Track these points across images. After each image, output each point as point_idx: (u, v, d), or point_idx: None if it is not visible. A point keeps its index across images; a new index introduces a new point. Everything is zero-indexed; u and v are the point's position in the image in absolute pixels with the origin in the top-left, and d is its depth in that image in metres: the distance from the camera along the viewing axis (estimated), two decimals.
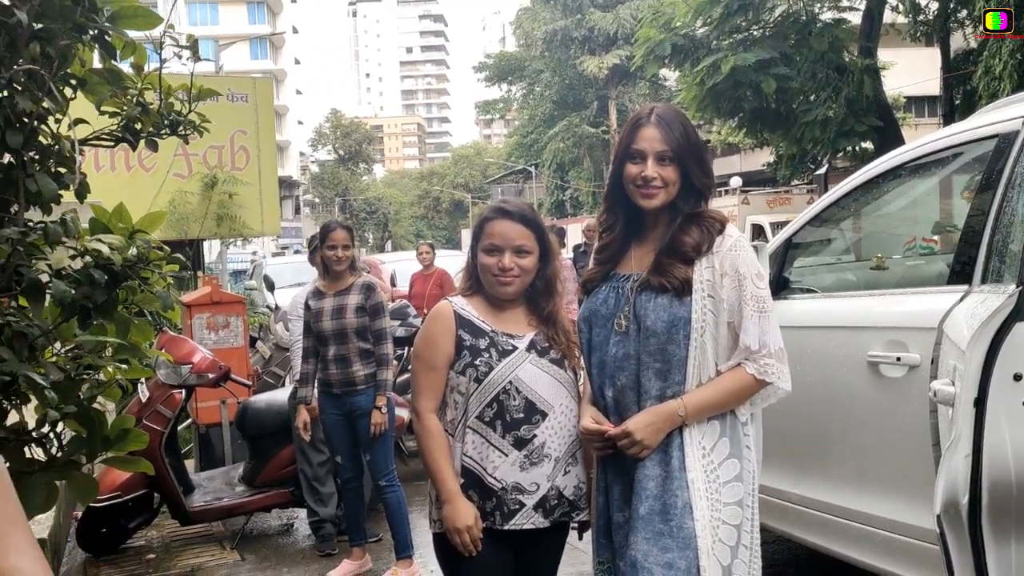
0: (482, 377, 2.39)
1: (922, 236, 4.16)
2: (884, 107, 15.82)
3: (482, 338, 2.44)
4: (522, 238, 2.46)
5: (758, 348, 2.19)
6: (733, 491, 2.22)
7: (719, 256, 2.23)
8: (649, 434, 2.20)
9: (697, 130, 2.40)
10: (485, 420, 2.39)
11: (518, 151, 50.22)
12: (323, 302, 4.65)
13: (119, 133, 2.40)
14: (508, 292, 2.47)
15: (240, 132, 10.85)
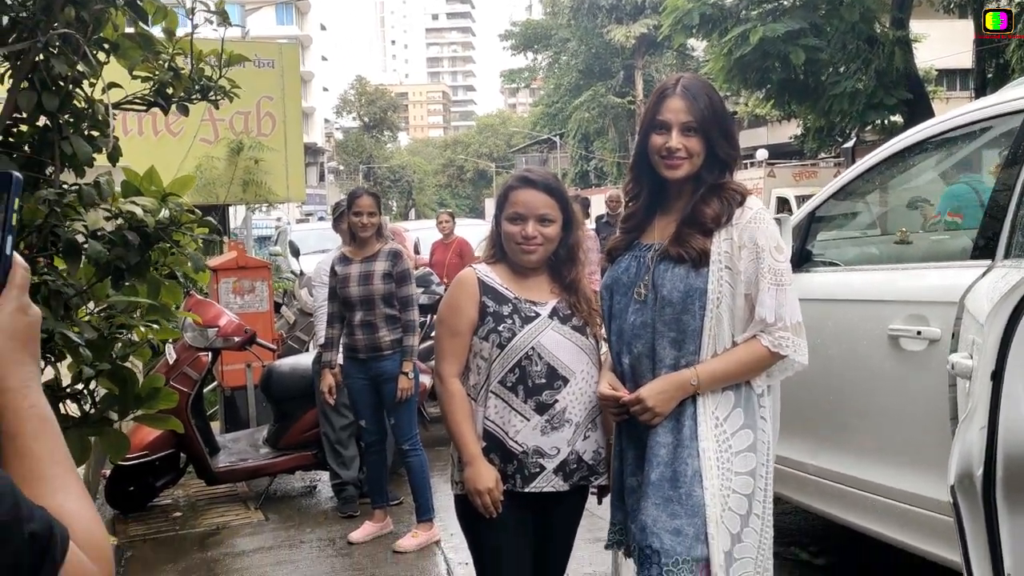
0: (505, 343, 2.44)
1: (947, 211, 4.14)
2: (915, 80, 15.59)
3: (505, 305, 2.49)
4: (545, 207, 2.49)
5: (774, 321, 2.19)
6: (745, 461, 2.24)
7: (738, 228, 2.23)
8: (661, 401, 2.23)
9: (723, 101, 2.39)
10: (507, 385, 2.45)
11: (543, 120, 49.99)
12: (350, 268, 4.69)
13: (151, 97, 2.45)
14: (531, 260, 2.51)
15: (266, 98, 10.89)
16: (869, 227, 4.91)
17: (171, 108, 2.52)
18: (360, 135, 62.70)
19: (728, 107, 18.84)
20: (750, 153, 23.96)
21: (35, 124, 2.28)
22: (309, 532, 5.02)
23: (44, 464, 0.85)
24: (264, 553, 4.72)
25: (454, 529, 4.83)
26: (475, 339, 2.50)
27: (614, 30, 38.36)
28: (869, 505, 3.33)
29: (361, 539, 4.75)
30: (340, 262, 4.76)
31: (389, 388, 4.61)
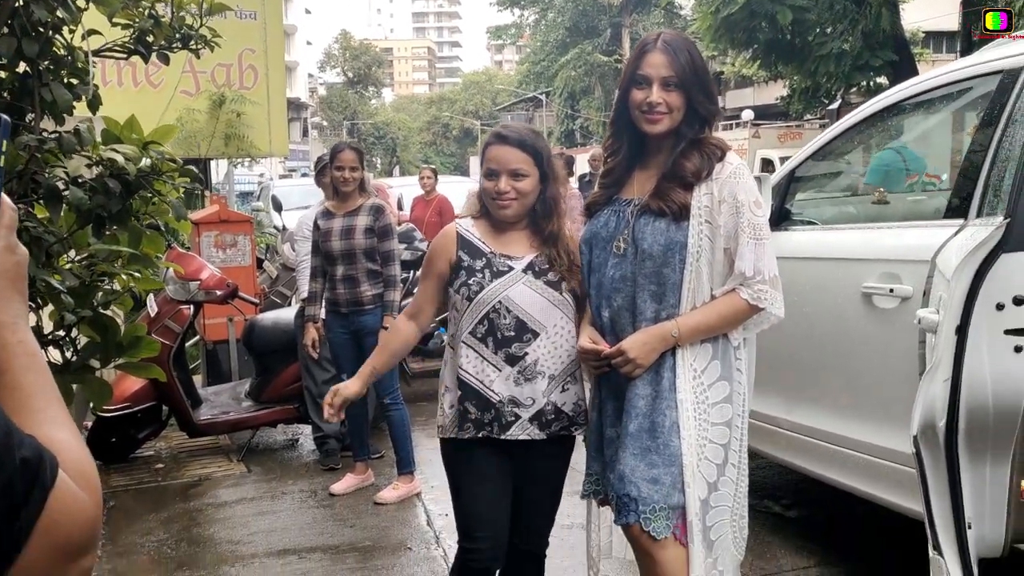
0: (473, 295, 2.53)
1: (924, 172, 4.19)
2: (901, 42, 15.54)
3: (479, 259, 2.57)
4: (518, 162, 2.54)
5: (752, 274, 2.22)
6: (722, 412, 2.29)
7: (718, 183, 2.26)
8: (643, 353, 2.27)
9: (703, 58, 2.40)
10: (477, 336, 2.54)
11: (529, 78, 49.59)
12: (332, 222, 4.70)
13: (131, 45, 2.44)
14: (507, 214, 2.57)
15: (248, 50, 10.74)
16: (849, 187, 4.96)
17: (151, 57, 2.52)
18: (344, 91, 62.06)
19: (714, 67, 18.84)
20: (736, 114, 23.91)
21: (15, 71, 2.27)
22: (291, 484, 5.08)
23: (34, 397, 0.88)
24: (246, 504, 4.78)
25: (435, 481, 4.92)
26: (451, 291, 2.61)
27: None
28: (841, 459, 3.41)
29: (342, 491, 4.82)
30: (323, 216, 4.77)
31: (370, 342, 4.55)
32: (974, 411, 2.29)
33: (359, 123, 60.17)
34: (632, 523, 2.27)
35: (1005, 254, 2.25)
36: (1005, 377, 2.28)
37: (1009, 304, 2.25)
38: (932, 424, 2.34)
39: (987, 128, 2.88)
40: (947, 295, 2.29)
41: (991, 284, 2.25)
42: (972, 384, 2.27)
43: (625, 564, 3.18)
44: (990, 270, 2.24)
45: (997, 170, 2.60)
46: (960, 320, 2.26)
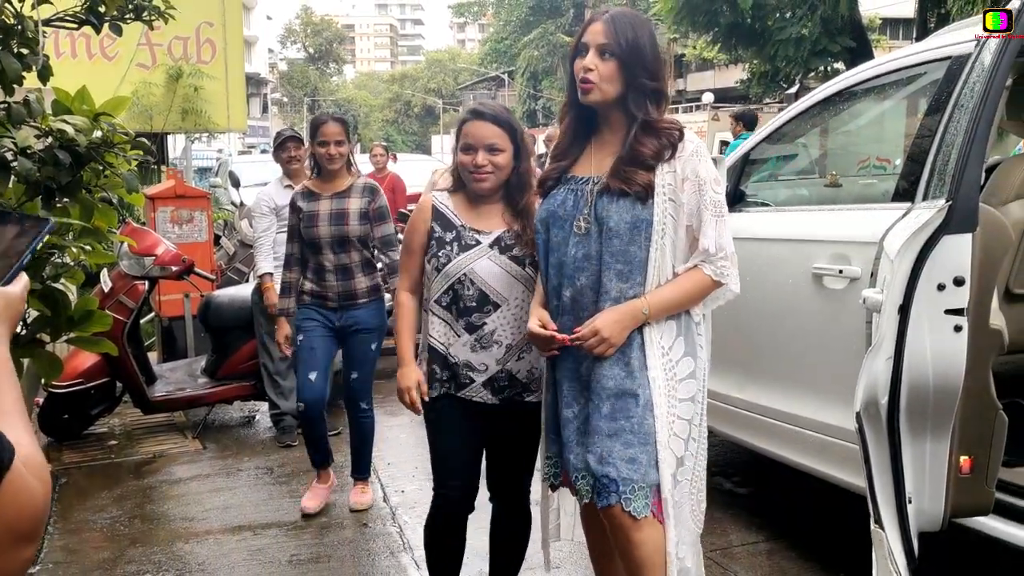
0: (441, 267, 2.67)
1: (876, 156, 4.26)
2: (858, 28, 15.75)
3: (450, 231, 2.70)
4: (494, 136, 2.64)
5: (715, 251, 2.26)
6: (687, 387, 2.32)
7: (680, 161, 2.28)
8: (616, 331, 2.27)
9: (654, 38, 2.38)
10: (443, 304, 2.70)
11: (491, 57, 49.42)
12: (318, 204, 4.14)
13: (82, 15, 2.40)
14: (483, 187, 2.68)
15: (206, 24, 10.57)
16: (805, 170, 5.03)
17: (103, 29, 2.48)
18: (305, 67, 61.38)
19: (676, 49, 18.95)
20: (696, 96, 24.04)
21: None
22: (247, 461, 5.07)
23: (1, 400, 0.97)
24: (201, 481, 4.76)
25: (391, 458, 4.94)
26: (425, 260, 2.74)
27: None
28: (790, 436, 3.48)
29: (316, 508, 4.29)
30: (305, 198, 4.19)
31: (361, 339, 4.22)
32: (915, 389, 2.36)
33: (320, 100, 59.53)
34: (613, 504, 2.26)
35: (946, 236, 2.31)
36: (945, 355, 2.35)
37: (949, 284, 2.32)
38: (875, 401, 2.40)
39: (935, 113, 2.94)
40: (890, 276, 2.35)
41: (933, 265, 2.31)
42: (913, 362, 2.34)
43: (576, 546, 3.24)
44: (932, 252, 2.31)
45: (942, 155, 2.66)
46: (903, 300, 2.32)
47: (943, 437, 2.45)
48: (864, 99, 3.98)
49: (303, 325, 4.21)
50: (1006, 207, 3.25)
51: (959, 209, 2.32)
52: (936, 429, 2.42)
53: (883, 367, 2.36)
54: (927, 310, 2.32)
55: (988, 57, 2.48)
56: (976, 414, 2.60)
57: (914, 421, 2.39)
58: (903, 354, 2.31)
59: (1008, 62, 2.43)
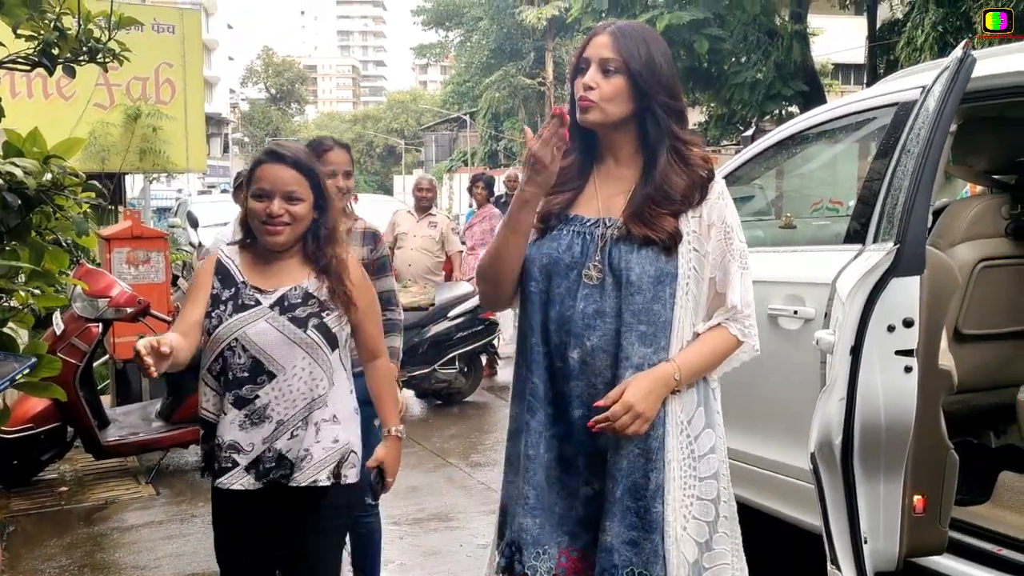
0: (212, 330, 2.33)
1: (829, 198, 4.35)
2: (811, 73, 16.13)
3: (229, 289, 2.36)
4: (293, 183, 2.33)
5: (743, 307, 2.02)
6: (709, 464, 2.03)
7: (707, 204, 2.00)
8: (650, 404, 1.94)
9: (667, 53, 2.06)
10: (213, 374, 2.36)
11: (453, 98, 49.79)
12: None
13: (35, 57, 2.39)
14: (277, 242, 2.35)
15: (166, 64, 10.57)
16: (762, 211, 5.11)
17: (58, 70, 2.47)
18: (266, 107, 61.37)
19: None
20: None
21: None
22: (202, 507, 4.96)
23: None
24: (154, 528, 4.65)
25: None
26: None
27: (526, 11, 38.43)
28: (747, 476, 3.49)
29: None
30: None
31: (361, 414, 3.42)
32: (868, 429, 2.39)
33: (281, 139, 59.45)
34: None
35: (895, 279, 2.36)
36: (896, 396, 2.38)
37: (899, 326, 2.36)
38: (829, 441, 2.43)
39: (884, 157, 3.01)
40: (842, 317, 2.39)
41: (883, 307, 2.35)
42: (866, 403, 2.37)
43: None
44: (882, 294, 2.35)
45: (891, 198, 2.72)
46: (855, 341, 2.36)
47: (896, 477, 2.48)
48: (817, 142, 4.07)
49: None
50: (953, 249, 3.32)
51: (907, 252, 2.37)
52: (889, 469, 2.45)
53: (836, 408, 2.39)
54: (878, 351, 2.35)
55: (932, 104, 2.55)
56: (928, 454, 2.63)
57: (868, 461, 2.42)
58: (856, 395, 2.34)
59: (952, 109, 2.50)
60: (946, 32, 10.95)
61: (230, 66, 64.57)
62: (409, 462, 5.23)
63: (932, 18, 11.15)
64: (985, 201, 3.51)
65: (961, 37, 10.11)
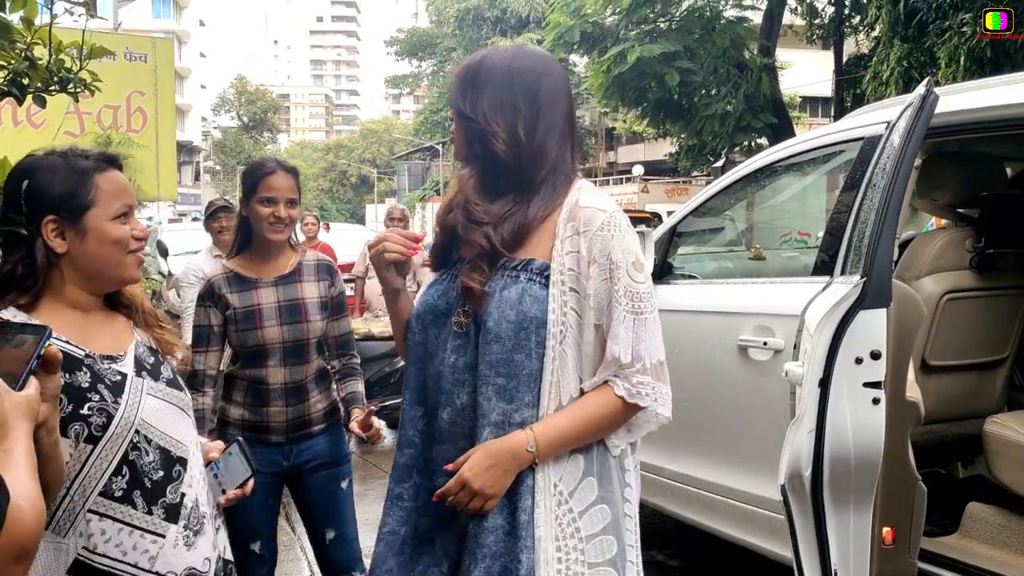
0: (98, 433, 1.59)
1: (797, 230, 4.41)
2: (780, 105, 16.40)
3: (80, 370, 1.61)
4: None
5: (630, 361, 1.67)
6: (601, 547, 1.68)
7: (587, 237, 1.69)
8: (490, 480, 1.64)
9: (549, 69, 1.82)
10: (116, 496, 1.61)
11: (426, 127, 49.98)
12: (256, 295, 2.84)
13: (4, 87, 2.37)
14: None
15: (138, 93, 10.54)
16: (732, 242, 5.17)
17: (27, 99, 2.45)
18: (239, 135, 61.24)
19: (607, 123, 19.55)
20: (627, 168, 24.62)
21: None
22: None
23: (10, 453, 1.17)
24: None
25: None
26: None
27: (498, 42, 38.76)
28: (719, 507, 3.50)
29: None
30: (232, 283, 2.86)
31: (326, 477, 2.93)
32: (837, 461, 2.41)
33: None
34: None
35: (862, 311, 2.38)
36: (864, 428, 2.40)
37: (867, 358, 2.38)
38: (799, 473, 2.44)
39: (850, 191, 3.06)
40: (811, 349, 2.41)
41: (851, 339, 2.38)
42: (835, 435, 2.38)
43: None
44: (850, 326, 2.37)
45: (858, 231, 2.76)
46: (823, 373, 2.38)
47: (865, 508, 2.49)
48: (786, 175, 4.13)
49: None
50: (919, 282, 3.37)
51: (874, 285, 2.40)
52: (858, 501, 2.46)
53: (806, 439, 2.40)
54: (846, 383, 2.37)
55: (897, 139, 2.60)
56: (897, 485, 2.66)
57: (837, 493, 2.43)
58: (825, 427, 2.36)
59: (916, 144, 2.54)
60: (911, 67, 11.17)
61: (202, 94, 64.50)
62: (379, 493, 5.19)
63: (897, 53, 11.37)
64: (950, 234, 3.57)
65: (925, 72, 10.33)
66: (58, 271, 1.64)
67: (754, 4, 17.41)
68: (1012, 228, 3.48)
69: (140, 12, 48.53)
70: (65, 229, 1.64)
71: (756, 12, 17.42)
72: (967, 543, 3.12)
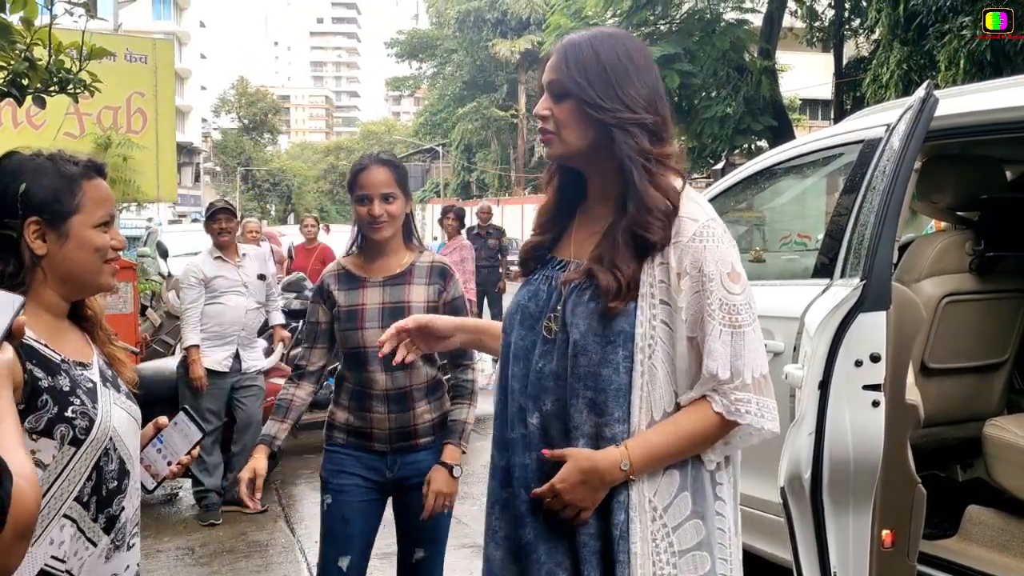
0: (82, 435, 1.57)
1: (797, 232, 4.41)
2: (779, 108, 16.39)
3: (59, 374, 1.58)
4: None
5: (729, 377, 1.59)
6: (694, 562, 1.63)
7: (677, 248, 1.62)
8: (580, 495, 1.62)
9: (640, 54, 1.72)
10: (83, 500, 1.59)
11: (426, 129, 50.06)
12: (362, 294, 2.75)
13: (4, 87, 2.37)
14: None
15: (138, 94, 10.52)
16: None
17: (27, 100, 2.45)
18: (239, 136, 61.24)
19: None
20: None
21: None
22: (167, 541, 4.89)
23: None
24: None
25: (317, 536, 4.82)
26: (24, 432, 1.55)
27: (499, 44, 38.80)
28: None
29: None
30: (342, 282, 2.79)
31: (417, 501, 2.72)
32: (837, 464, 2.41)
33: (254, 169, 59.38)
34: None
35: (862, 314, 2.39)
36: (864, 430, 2.40)
37: (867, 361, 2.38)
38: (798, 476, 2.44)
39: (850, 193, 3.06)
40: (810, 352, 2.41)
41: (850, 342, 2.38)
42: (834, 437, 2.39)
43: None
44: (849, 329, 2.38)
45: (857, 234, 2.76)
46: (823, 376, 2.38)
47: (865, 511, 2.49)
48: (786, 177, 4.13)
49: (332, 480, 2.77)
50: (918, 285, 3.37)
51: (873, 288, 2.40)
52: (858, 503, 2.46)
53: (806, 442, 2.40)
54: (846, 386, 2.37)
55: (897, 142, 2.60)
56: (896, 488, 2.65)
57: (836, 496, 2.43)
58: (824, 429, 2.36)
59: (916, 147, 2.55)
60: (910, 70, 11.18)
61: (203, 95, 64.51)
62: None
63: (897, 56, 11.38)
64: (949, 237, 3.57)
65: (925, 75, 10.34)
66: (40, 272, 1.63)
67: (754, 7, 17.42)
68: (1012, 231, 3.48)
69: (140, 13, 48.53)
70: (47, 232, 1.62)
71: (756, 15, 17.41)
72: (966, 546, 3.12)
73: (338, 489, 2.72)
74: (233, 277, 5.26)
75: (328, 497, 2.73)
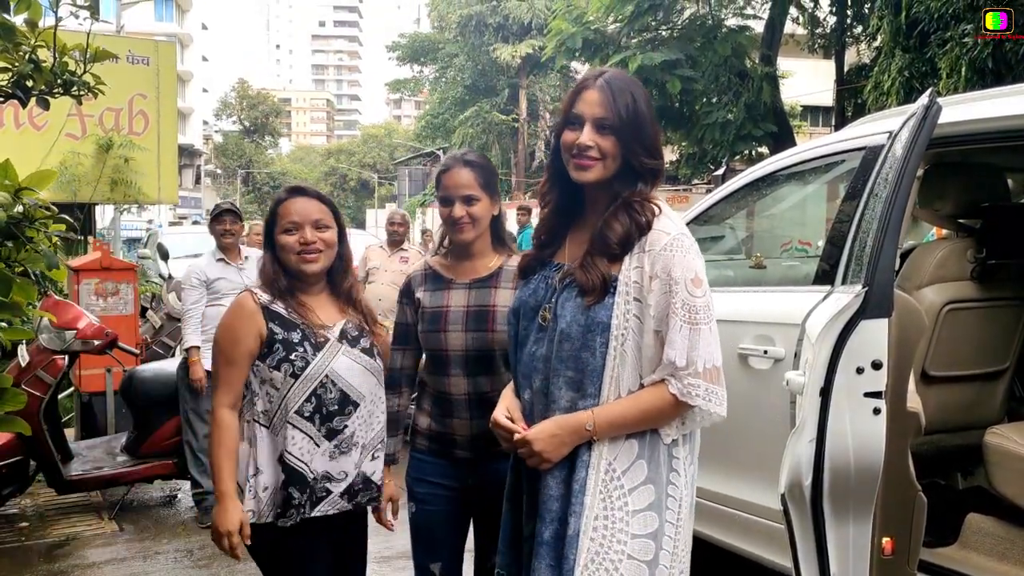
0: (299, 372, 2.43)
1: (798, 238, 4.41)
2: (780, 114, 16.39)
3: (294, 331, 2.46)
4: (319, 212, 2.52)
5: (684, 365, 1.90)
6: (645, 522, 1.94)
7: (651, 255, 1.95)
8: (551, 446, 1.98)
9: (650, 105, 2.10)
10: (305, 415, 2.43)
11: (427, 132, 50.01)
12: (447, 296, 2.70)
13: (8, 89, 2.37)
14: (314, 268, 2.50)
15: (140, 96, 10.55)
16: (733, 251, 5.16)
17: (31, 101, 2.45)
18: (240, 139, 61.28)
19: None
20: None
21: None
22: (166, 543, 4.88)
23: None
24: (116, 565, 4.56)
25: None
26: (262, 366, 2.45)
27: (500, 48, 38.77)
28: (719, 517, 3.49)
29: None
30: (428, 283, 2.75)
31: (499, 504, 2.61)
32: (837, 470, 2.40)
33: (254, 172, 59.40)
34: None
35: (864, 321, 2.39)
36: (865, 438, 2.40)
37: (868, 368, 2.38)
38: (799, 482, 2.44)
39: (852, 200, 3.06)
40: (812, 358, 2.41)
41: (852, 349, 2.38)
42: (835, 444, 2.38)
43: None
44: (851, 336, 2.37)
45: (859, 240, 2.76)
46: (824, 383, 2.38)
47: (865, 519, 2.49)
48: (787, 184, 4.13)
49: (415, 488, 2.75)
50: (920, 292, 3.37)
51: (875, 295, 2.40)
52: (858, 511, 2.46)
53: (806, 449, 2.40)
54: (847, 393, 2.37)
55: (900, 149, 2.60)
56: (896, 495, 2.65)
57: (837, 503, 2.43)
58: (825, 436, 2.36)
59: (918, 154, 2.55)
60: (912, 77, 11.16)
61: (204, 98, 64.52)
62: None
63: (899, 64, 11.36)
64: (951, 244, 3.57)
65: (927, 82, 10.33)
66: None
67: (756, 13, 17.43)
68: (1013, 239, 3.48)
69: (143, 15, 48.54)
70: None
71: (758, 21, 17.42)
72: (967, 554, 3.12)
73: (420, 498, 2.72)
74: (235, 279, 5.26)
75: (412, 505, 2.75)
